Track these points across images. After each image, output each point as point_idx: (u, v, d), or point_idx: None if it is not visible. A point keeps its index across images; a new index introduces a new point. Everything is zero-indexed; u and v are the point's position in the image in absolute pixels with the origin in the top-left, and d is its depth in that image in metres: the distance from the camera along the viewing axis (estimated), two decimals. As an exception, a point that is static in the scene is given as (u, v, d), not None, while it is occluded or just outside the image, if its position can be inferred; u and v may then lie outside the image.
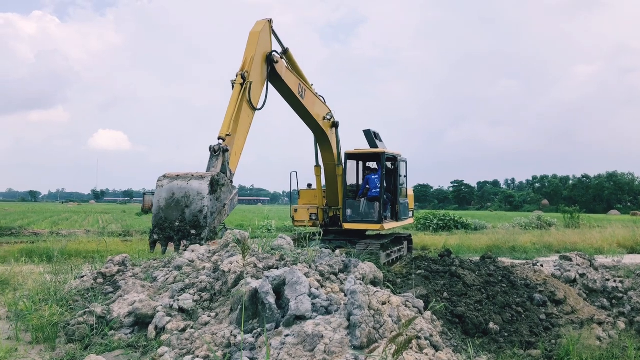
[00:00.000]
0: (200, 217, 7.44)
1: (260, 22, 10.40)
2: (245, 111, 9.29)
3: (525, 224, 32.43)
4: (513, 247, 19.61)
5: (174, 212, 7.64)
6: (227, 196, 8.07)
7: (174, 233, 7.59)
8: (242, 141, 9.37)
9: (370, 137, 14.00)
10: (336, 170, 13.52)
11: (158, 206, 7.77)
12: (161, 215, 7.71)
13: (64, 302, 6.73)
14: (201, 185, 7.61)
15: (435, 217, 33.02)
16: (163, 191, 7.82)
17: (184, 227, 7.51)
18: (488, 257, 11.58)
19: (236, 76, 9.36)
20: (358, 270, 6.13)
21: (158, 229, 7.74)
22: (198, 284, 6.10)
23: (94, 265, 9.09)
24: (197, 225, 7.46)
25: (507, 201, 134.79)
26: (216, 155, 8.45)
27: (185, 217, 7.56)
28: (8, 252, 14.05)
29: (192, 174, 7.92)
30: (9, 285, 9.04)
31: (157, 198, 7.84)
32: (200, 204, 7.49)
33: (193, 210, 7.52)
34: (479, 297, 8.28)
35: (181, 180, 7.80)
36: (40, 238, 20.36)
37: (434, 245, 19.52)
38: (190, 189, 7.65)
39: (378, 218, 12.89)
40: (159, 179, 8.02)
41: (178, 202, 7.64)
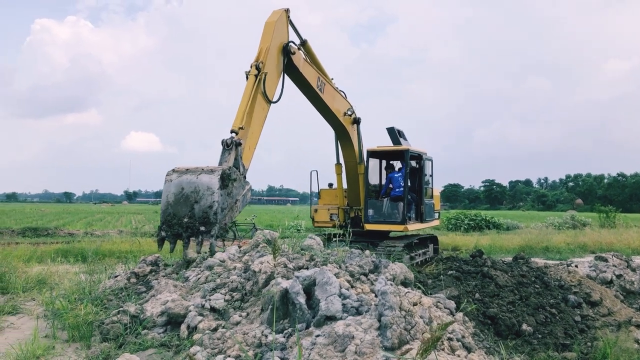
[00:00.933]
0: (210, 213, 7.05)
1: (277, 12, 9.99)
2: (259, 103, 8.94)
3: (559, 224, 31.82)
4: (546, 247, 19.26)
5: (182, 208, 7.25)
6: (239, 191, 7.70)
7: (182, 230, 7.24)
8: (257, 135, 9.00)
9: (394, 134, 13.51)
10: (357, 169, 13.11)
11: (166, 202, 7.42)
12: (169, 211, 7.36)
13: (98, 301, 6.87)
14: (211, 180, 7.22)
15: (466, 217, 32.64)
16: (172, 186, 7.46)
17: (193, 224, 7.14)
18: (520, 258, 11.40)
19: (250, 67, 8.95)
20: (388, 270, 6.09)
21: (166, 225, 7.37)
22: (229, 284, 6.15)
23: (127, 265, 9.25)
24: (206, 221, 7.08)
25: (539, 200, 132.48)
26: (228, 149, 8.07)
27: (194, 213, 7.18)
28: (45, 252, 14.40)
29: (202, 168, 7.53)
30: (46, 284, 9.27)
31: (165, 193, 7.49)
32: (210, 200, 7.09)
33: (202, 206, 7.13)
34: (511, 298, 8.15)
35: (190, 174, 7.43)
36: (75, 238, 20.83)
37: (465, 245, 19.29)
38: (199, 184, 7.25)
39: (401, 219, 12.41)
40: (168, 173, 7.67)
41: (187, 198, 7.26)
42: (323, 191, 14.20)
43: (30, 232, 24.14)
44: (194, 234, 7.14)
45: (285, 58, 9.80)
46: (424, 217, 13.20)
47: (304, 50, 10.98)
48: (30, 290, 8.92)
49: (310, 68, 10.87)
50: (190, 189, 7.27)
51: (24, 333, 6.51)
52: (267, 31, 9.48)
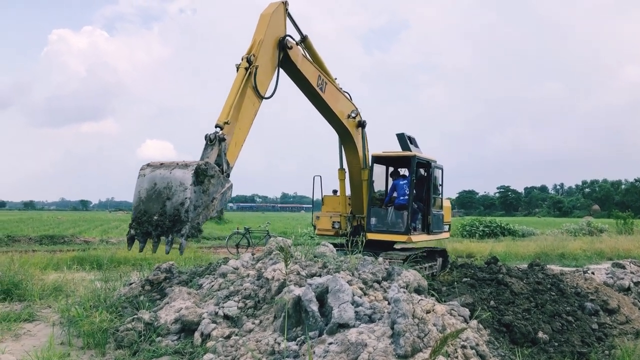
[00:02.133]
0: (182, 210, 6.52)
1: (274, 4, 9.48)
2: (249, 98, 8.49)
3: (575, 230, 31.47)
4: (562, 254, 19.06)
5: (154, 205, 6.76)
6: (217, 189, 7.19)
7: (152, 228, 6.69)
8: (245, 131, 8.53)
9: (404, 141, 12.85)
10: (361, 175, 12.47)
11: (138, 198, 6.92)
12: (141, 208, 6.85)
13: (113, 308, 6.92)
14: (184, 175, 6.72)
15: (481, 223, 32.44)
16: (144, 181, 6.97)
17: (163, 222, 6.61)
18: (536, 265, 11.30)
19: (241, 60, 8.47)
20: (401, 278, 6.06)
21: (136, 223, 6.85)
22: (242, 291, 6.16)
23: (142, 272, 9.31)
24: (177, 219, 6.55)
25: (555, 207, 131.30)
26: (211, 144, 7.56)
27: (165, 210, 6.66)
28: (61, 260, 14.54)
29: (177, 163, 7.05)
30: (62, 291, 9.36)
31: (137, 189, 6.99)
32: (182, 196, 6.59)
33: (174, 203, 6.62)
34: (527, 306, 8.08)
35: (164, 169, 6.94)
36: (90, 246, 21.01)
37: (480, 252, 19.14)
38: (172, 179, 6.75)
39: (405, 229, 11.66)
40: (142, 167, 7.19)
41: (159, 194, 6.77)
42: (327, 198, 13.63)
43: (47, 240, 24.40)
44: (163, 232, 6.63)
45: (281, 53, 9.39)
46: (431, 228, 12.49)
47: (305, 47, 10.55)
48: (46, 297, 9.00)
49: (310, 65, 10.43)
50: (162, 184, 6.80)
51: (40, 340, 6.57)
52: (262, 23, 9.08)
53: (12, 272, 9.61)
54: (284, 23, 9.63)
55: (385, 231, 11.93)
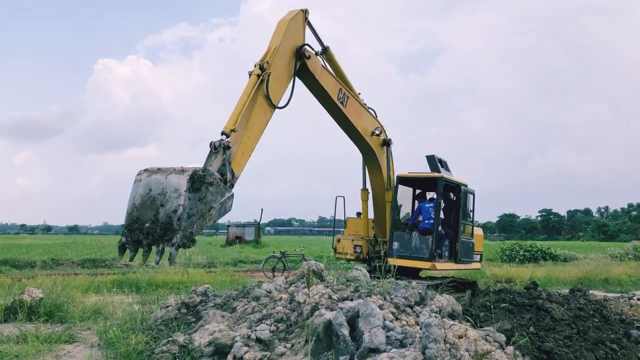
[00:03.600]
0: (174, 218, 6.18)
1: (293, 11, 9.11)
2: (260, 106, 8.11)
3: (620, 255, 30.42)
4: (606, 279, 18.43)
5: (147, 212, 6.42)
6: (216, 198, 6.80)
7: (143, 236, 6.35)
8: (253, 141, 8.10)
9: (434, 163, 12.07)
10: (385, 196, 11.78)
11: (132, 204, 6.61)
12: (134, 214, 6.52)
13: (149, 331, 7.03)
14: (179, 181, 6.38)
15: (522, 248, 31.77)
16: (140, 186, 6.64)
17: (155, 230, 6.26)
18: (578, 290, 10.98)
19: (254, 67, 8.14)
20: (434, 302, 5.98)
21: (127, 230, 6.52)
22: (275, 315, 6.18)
23: (179, 295, 9.44)
24: (169, 227, 6.22)
25: (600, 230, 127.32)
26: (215, 152, 7.23)
27: (158, 218, 6.32)
28: (101, 283, 14.87)
29: (174, 168, 6.72)
30: (101, 314, 9.56)
31: (132, 194, 6.69)
32: (176, 203, 6.25)
33: (167, 210, 6.28)
34: (568, 332, 7.83)
35: (160, 174, 6.62)
36: (130, 269, 21.42)
37: (520, 277, 18.70)
38: (167, 185, 6.42)
39: (429, 255, 10.80)
40: (139, 172, 6.87)
41: (154, 200, 6.44)
42: (350, 220, 12.97)
43: (89, 264, 25.04)
44: (154, 241, 6.28)
45: (299, 62, 9.04)
46: (459, 256, 11.53)
47: (326, 58, 10.22)
48: (86, 319, 9.21)
49: (330, 77, 10.05)
50: (157, 190, 6.47)
51: (79, 361, 6.72)
52: (279, 30, 8.77)
53: (54, 295, 9.88)
54: (303, 32, 9.30)
55: (407, 257, 11.08)
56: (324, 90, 9.75)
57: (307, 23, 9.41)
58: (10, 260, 24.77)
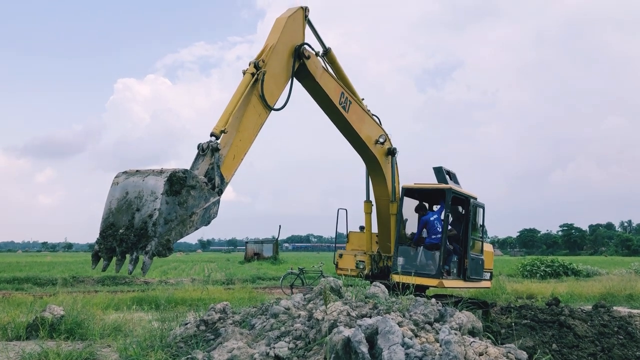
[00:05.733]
0: (149, 223, 5.70)
1: (292, 9, 8.68)
2: (254, 107, 7.63)
3: (645, 270, 29.84)
4: (630, 295, 18.05)
5: (123, 217, 5.94)
6: (199, 203, 6.30)
7: (116, 243, 5.86)
8: (246, 144, 7.60)
9: (442, 175, 11.51)
10: (390, 208, 11.13)
11: (108, 209, 6.10)
12: (110, 220, 6.02)
13: (169, 348, 7.05)
14: (157, 183, 5.87)
15: (543, 263, 31.36)
16: (117, 190, 6.15)
17: (128, 236, 5.78)
18: (601, 306, 10.80)
19: (248, 65, 7.67)
20: (454, 319, 5.92)
21: (101, 237, 6.02)
22: (293, 332, 6.16)
23: (198, 313, 9.46)
24: (143, 234, 5.74)
25: (623, 245, 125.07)
26: (203, 154, 6.75)
27: (133, 223, 5.83)
28: (121, 300, 14.99)
29: (152, 169, 6.20)
30: (121, 331, 9.63)
31: (109, 199, 6.18)
32: (152, 207, 5.75)
33: (143, 214, 5.80)
34: (592, 350, 7.72)
35: (138, 176, 6.13)
36: (150, 287, 21.60)
37: (541, 293, 18.44)
38: (144, 187, 5.93)
39: (437, 272, 10.25)
40: (117, 175, 6.36)
41: (130, 204, 5.96)
42: (352, 234, 12.31)
43: (109, 281, 25.30)
44: (127, 249, 5.80)
45: (297, 62, 8.56)
46: (468, 274, 10.87)
47: (328, 60, 9.74)
48: (106, 337, 9.28)
49: (332, 80, 9.56)
50: (134, 193, 5.98)
51: (99, 379, 6.76)
52: (276, 28, 8.32)
53: (75, 312, 9.98)
54: (303, 30, 8.84)
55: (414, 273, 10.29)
56: (325, 93, 9.35)
57: (307, 22, 8.99)
58: (32, 278, 25.14)
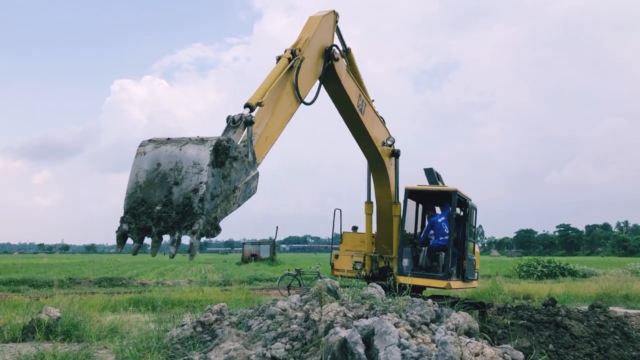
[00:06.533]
0: (194, 199, 5.06)
1: (324, 11, 8.56)
2: (287, 95, 7.25)
3: (641, 270, 29.94)
4: (626, 295, 18.14)
5: (156, 192, 5.22)
6: (240, 177, 5.66)
7: (152, 222, 5.16)
8: (278, 129, 7.08)
9: (433, 177, 11.65)
10: (392, 210, 11.07)
11: (135, 183, 5.36)
12: (138, 195, 5.29)
13: (165, 350, 7.04)
14: (200, 153, 5.23)
15: (539, 263, 31.41)
16: (144, 160, 5.41)
17: (168, 214, 5.11)
18: (598, 307, 10.82)
19: (284, 51, 7.39)
20: (451, 320, 5.93)
21: (130, 215, 5.27)
22: (290, 333, 6.16)
23: (194, 314, 9.45)
24: (188, 211, 5.07)
25: (620, 245, 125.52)
26: (234, 126, 6.06)
27: (171, 199, 5.14)
28: (118, 302, 14.97)
29: (189, 138, 5.50)
30: (117, 333, 9.61)
31: (134, 171, 5.43)
32: (196, 180, 5.11)
33: (185, 189, 5.12)
34: (588, 350, 7.73)
35: (172, 145, 5.42)
36: (146, 288, 21.56)
37: (538, 294, 18.48)
38: (183, 158, 5.25)
39: (444, 273, 10.37)
40: (142, 143, 5.62)
41: (164, 177, 5.25)
42: (346, 235, 12.16)
43: (106, 282, 25.25)
44: (168, 228, 5.15)
45: (326, 63, 8.40)
46: (466, 274, 11.02)
47: (347, 61, 9.48)
48: (103, 338, 9.26)
49: (353, 82, 9.45)
50: (169, 165, 5.28)
51: (95, 381, 6.75)
52: (311, 24, 8.13)
53: (72, 314, 9.96)
54: (333, 32, 8.77)
55: (420, 275, 10.54)
56: (347, 96, 9.22)
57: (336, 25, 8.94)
58: (28, 280, 25.07)
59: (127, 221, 5.24)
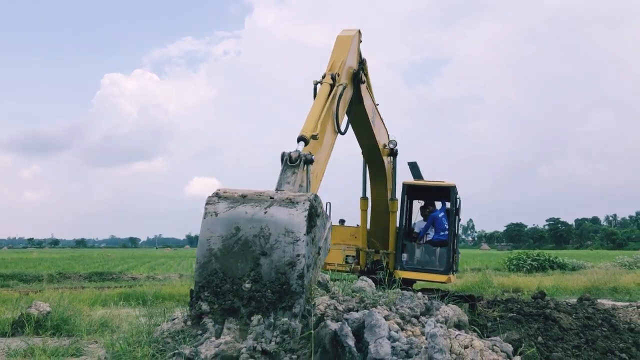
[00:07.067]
0: (292, 275, 4.31)
1: (350, 30, 8.13)
2: (330, 125, 6.68)
3: (629, 263, 30.24)
4: (614, 288, 18.37)
5: (238, 263, 4.46)
6: (322, 234, 4.91)
7: (241, 302, 4.50)
8: (324, 162, 6.52)
9: (417, 170, 11.53)
10: (389, 206, 11.09)
11: (207, 250, 4.58)
12: (214, 267, 4.53)
13: (156, 344, 7.03)
14: (293, 219, 4.43)
15: (529, 257, 31.67)
16: (217, 223, 4.61)
17: (262, 293, 4.40)
18: (586, 299, 10.93)
19: (322, 77, 6.87)
20: (440, 313, 5.98)
21: (212, 293, 4.57)
22: (280, 326, 6.17)
23: (186, 308, 9.45)
24: (286, 289, 4.36)
25: (609, 239, 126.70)
26: (293, 165, 5.36)
27: (261, 274, 4.39)
28: (108, 296, 14.95)
29: (269, 195, 4.69)
30: (108, 327, 9.58)
31: (206, 235, 4.64)
32: (291, 252, 4.34)
33: (277, 262, 4.37)
34: (576, 342, 7.81)
35: (252, 205, 4.60)
36: (137, 282, 21.56)
37: (527, 287, 18.66)
38: (270, 223, 4.46)
39: (446, 268, 10.47)
40: (210, 200, 4.79)
41: (246, 245, 4.47)
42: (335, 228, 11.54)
43: (96, 277, 25.21)
44: (262, 309, 4.51)
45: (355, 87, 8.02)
46: (455, 268, 11.19)
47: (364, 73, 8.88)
48: (93, 333, 9.23)
49: (370, 98, 9.09)
50: (251, 230, 4.47)
51: (85, 375, 6.74)
52: (343, 45, 7.60)
53: (62, 308, 9.92)
54: (358, 53, 8.30)
55: (421, 269, 10.59)
56: (366, 114, 8.88)
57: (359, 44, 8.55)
58: (17, 274, 24.97)
59: (208, 300, 4.60)
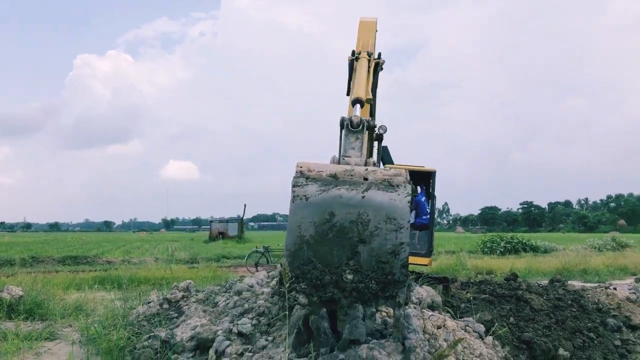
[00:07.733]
0: (395, 264, 4.08)
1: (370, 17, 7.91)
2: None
3: (599, 246, 30.91)
4: (584, 269, 18.79)
5: (334, 250, 4.13)
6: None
7: (342, 294, 4.12)
8: None
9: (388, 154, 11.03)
10: None
11: (299, 236, 4.20)
12: (306, 254, 4.17)
13: (131, 327, 7.01)
14: (395, 204, 4.17)
15: (503, 239, 32.07)
16: (309, 208, 4.23)
17: (366, 285, 4.08)
18: (557, 281, 11.14)
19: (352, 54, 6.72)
20: (414, 294, 6.06)
21: (308, 284, 4.18)
22: (256, 309, 6.21)
23: (161, 291, 9.41)
24: (390, 280, 4.08)
25: (580, 222, 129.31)
26: (356, 130, 4.92)
27: (360, 263, 4.11)
28: (83, 280, 14.76)
29: (362, 175, 4.33)
30: (82, 311, 9.50)
31: (296, 221, 4.25)
32: (394, 240, 4.10)
33: (378, 250, 4.11)
34: (547, 322, 7.97)
35: (347, 188, 4.25)
36: (112, 266, 21.32)
37: (500, 269, 18.94)
38: (369, 208, 4.17)
39: (427, 250, 10.71)
40: (297, 182, 4.34)
41: (342, 232, 4.15)
42: None
43: (70, 261, 24.84)
44: (364, 300, 4.16)
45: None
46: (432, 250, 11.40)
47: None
48: (67, 316, 9.15)
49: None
50: (348, 215, 4.18)
51: (60, 358, 6.70)
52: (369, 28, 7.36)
53: (35, 292, 9.79)
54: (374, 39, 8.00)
55: None
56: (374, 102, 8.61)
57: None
58: (-12, 259, 24.46)
59: (306, 292, 4.19)
